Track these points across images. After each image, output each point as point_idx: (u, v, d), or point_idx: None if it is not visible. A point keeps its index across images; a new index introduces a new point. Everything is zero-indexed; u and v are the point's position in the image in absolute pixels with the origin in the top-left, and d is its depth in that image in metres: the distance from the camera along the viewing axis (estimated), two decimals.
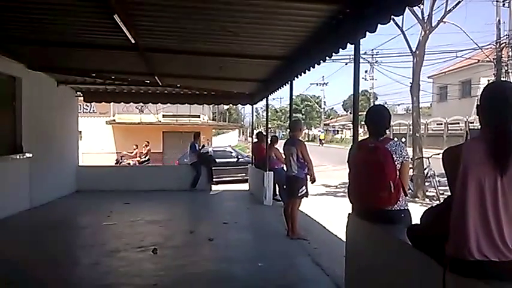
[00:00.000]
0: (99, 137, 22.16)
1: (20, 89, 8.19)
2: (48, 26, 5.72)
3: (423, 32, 12.22)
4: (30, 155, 8.28)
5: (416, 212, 3.06)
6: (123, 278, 4.59)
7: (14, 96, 8.13)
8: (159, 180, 11.52)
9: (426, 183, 12.33)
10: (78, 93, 11.63)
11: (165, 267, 4.91)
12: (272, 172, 9.26)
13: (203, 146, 12.25)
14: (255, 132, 12.14)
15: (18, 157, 7.99)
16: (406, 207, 3.27)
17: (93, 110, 22.14)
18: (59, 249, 5.73)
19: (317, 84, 57.39)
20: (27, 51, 7.47)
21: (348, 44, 4.29)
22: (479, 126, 2.14)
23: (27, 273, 4.59)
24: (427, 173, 12.17)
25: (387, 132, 3.48)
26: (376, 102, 43.17)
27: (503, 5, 18.95)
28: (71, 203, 9.75)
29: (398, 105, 55.20)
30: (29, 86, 8.39)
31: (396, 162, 3.16)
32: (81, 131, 15.28)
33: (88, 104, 19.36)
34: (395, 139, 3.61)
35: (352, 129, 4.46)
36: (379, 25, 3.56)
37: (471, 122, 23.17)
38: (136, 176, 11.68)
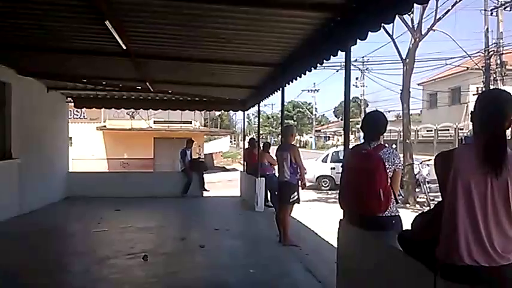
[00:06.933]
0: (89, 143, 22.00)
1: (10, 95, 8.12)
2: (39, 32, 5.68)
3: (413, 40, 12.37)
4: (19, 161, 8.20)
5: (407, 218, 3.08)
6: (114, 285, 4.54)
7: (4, 102, 8.05)
8: (150, 186, 11.43)
9: (417, 189, 12.41)
10: (68, 98, 11.55)
11: (156, 275, 4.87)
12: (264, 178, 9.25)
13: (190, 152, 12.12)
14: (247, 138, 12.12)
15: (7, 163, 7.90)
16: (396, 214, 3.28)
17: (84, 116, 21.99)
18: (49, 256, 5.67)
19: (308, 91, 57.63)
20: (17, 56, 7.41)
21: (339, 51, 4.33)
22: (472, 133, 2.17)
23: (17, 281, 4.53)
24: (418, 179, 12.27)
25: (381, 138, 3.47)
26: (367, 109, 43.42)
27: (491, 14, 19.24)
28: (61, 210, 9.65)
29: (389, 111, 55.47)
30: (19, 92, 8.32)
31: (388, 170, 3.16)
32: (71, 137, 15.17)
33: (78, 110, 19.21)
34: (394, 145, 3.60)
35: (343, 136, 4.48)
36: (369, 32, 3.60)
37: (460, 129, 23.42)
38: (127, 182, 11.58)
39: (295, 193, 6.16)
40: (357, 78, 39.29)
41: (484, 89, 18.36)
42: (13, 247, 6.03)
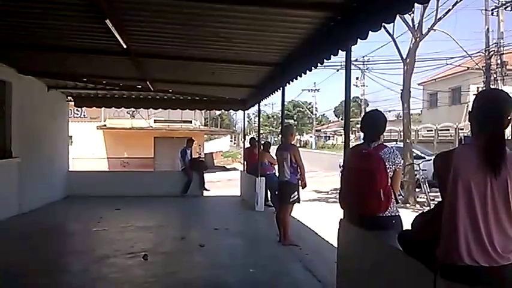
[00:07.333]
0: (89, 142, 22.02)
1: (10, 94, 8.11)
2: (39, 31, 5.69)
3: (414, 40, 12.35)
4: (19, 160, 8.19)
5: (407, 218, 3.08)
6: (113, 285, 4.54)
7: (4, 101, 8.04)
8: (150, 186, 11.42)
9: (417, 189, 12.41)
10: (68, 97, 11.56)
11: (156, 274, 4.86)
12: (264, 178, 9.24)
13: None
14: (247, 137, 12.11)
15: (7, 162, 7.90)
16: (397, 214, 3.28)
17: (84, 115, 22.00)
18: (49, 255, 5.66)
19: (309, 91, 57.69)
20: (17, 55, 7.42)
21: (340, 51, 4.32)
22: (471, 133, 2.17)
23: (17, 281, 4.53)
24: (417, 179, 12.27)
25: (381, 137, 3.46)
26: (368, 109, 43.46)
27: (492, 13, 19.23)
28: (61, 209, 9.64)
29: (389, 111, 55.55)
30: (19, 91, 8.32)
31: (388, 170, 3.16)
32: (71, 136, 15.18)
33: (79, 109, 19.25)
34: (395, 144, 3.60)
35: (343, 135, 4.47)
36: (370, 32, 3.59)
37: (461, 129, 23.37)
38: (127, 181, 11.58)
39: (296, 193, 6.15)
40: (357, 78, 39.37)
41: (484, 88, 18.35)
42: (13, 247, 6.02)
